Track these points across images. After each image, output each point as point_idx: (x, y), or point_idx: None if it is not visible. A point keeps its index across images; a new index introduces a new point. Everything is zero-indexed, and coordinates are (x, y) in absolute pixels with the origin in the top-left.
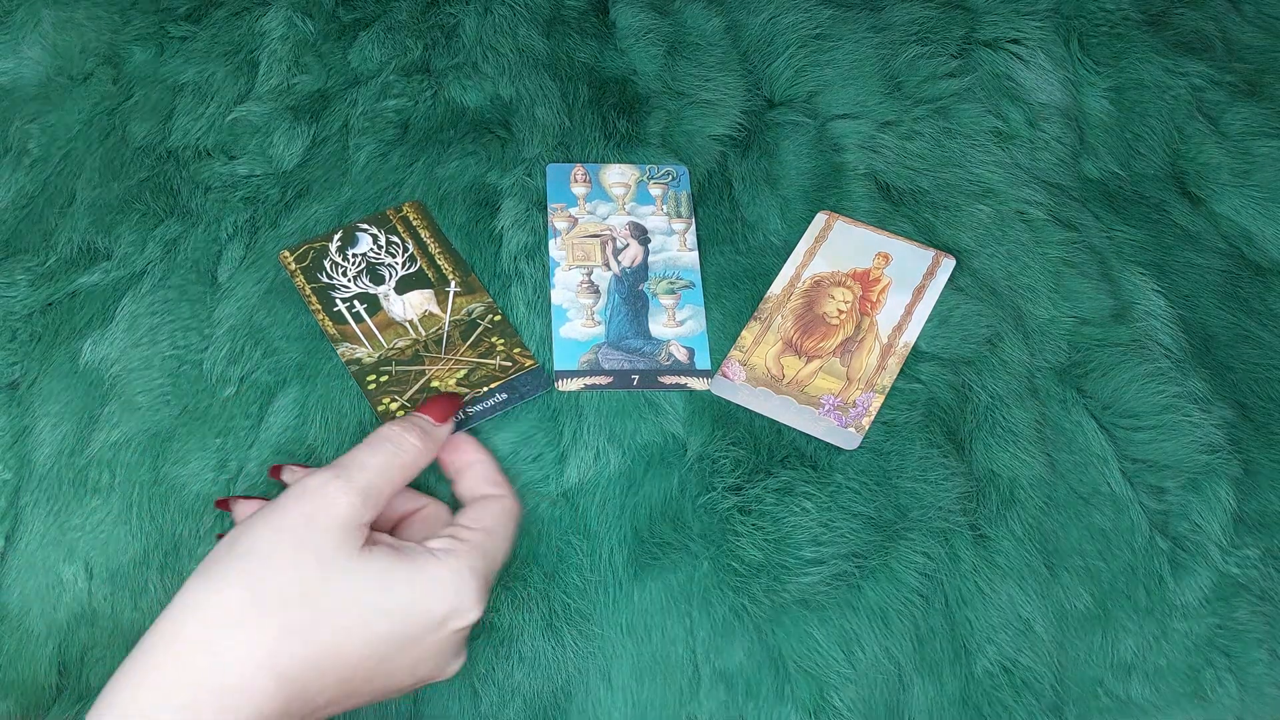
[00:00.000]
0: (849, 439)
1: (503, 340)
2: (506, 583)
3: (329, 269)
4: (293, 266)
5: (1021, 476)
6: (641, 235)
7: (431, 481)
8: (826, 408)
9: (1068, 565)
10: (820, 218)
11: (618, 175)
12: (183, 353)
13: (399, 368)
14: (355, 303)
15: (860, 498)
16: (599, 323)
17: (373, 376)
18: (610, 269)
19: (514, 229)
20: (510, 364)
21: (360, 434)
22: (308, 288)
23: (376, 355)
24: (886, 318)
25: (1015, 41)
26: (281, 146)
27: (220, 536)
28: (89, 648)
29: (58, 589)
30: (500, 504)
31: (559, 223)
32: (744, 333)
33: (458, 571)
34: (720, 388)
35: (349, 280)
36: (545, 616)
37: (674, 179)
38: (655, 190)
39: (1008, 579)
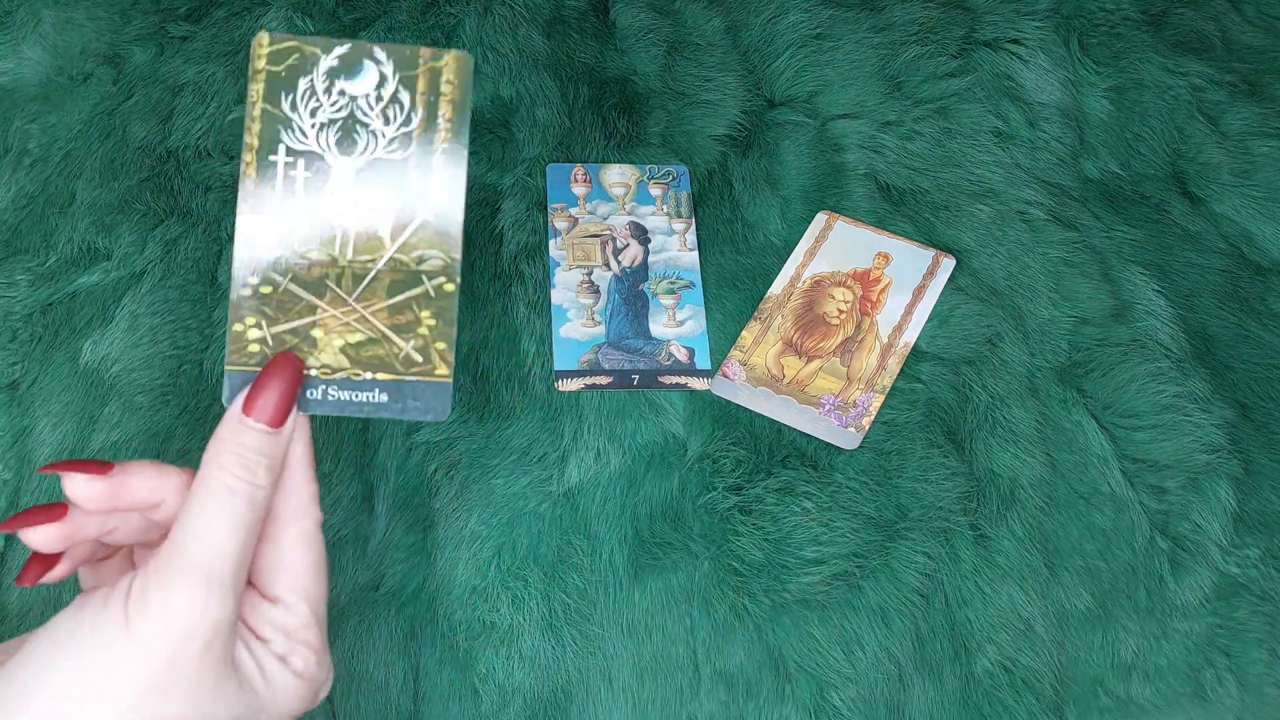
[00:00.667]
0: (849, 439)
1: (434, 321)
2: (507, 583)
3: (300, 93)
4: (261, 63)
5: (1022, 476)
6: (641, 235)
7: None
8: (827, 407)
9: (1068, 565)
10: (820, 218)
11: (618, 175)
12: (183, 353)
13: (291, 285)
14: (299, 161)
15: (861, 497)
16: (599, 323)
17: (254, 279)
18: (610, 269)
19: (514, 229)
20: (420, 360)
21: (360, 433)
22: (260, 105)
23: (277, 253)
24: (887, 318)
25: (1015, 41)
26: None
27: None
28: None
29: (58, 589)
30: (311, 537)
31: (559, 223)
32: (744, 333)
33: (314, 683)
34: (720, 388)
35: (312, 124)
36: (545, 616)
37: (674, 179)
38: (655, 190)
39: (1008, 579)
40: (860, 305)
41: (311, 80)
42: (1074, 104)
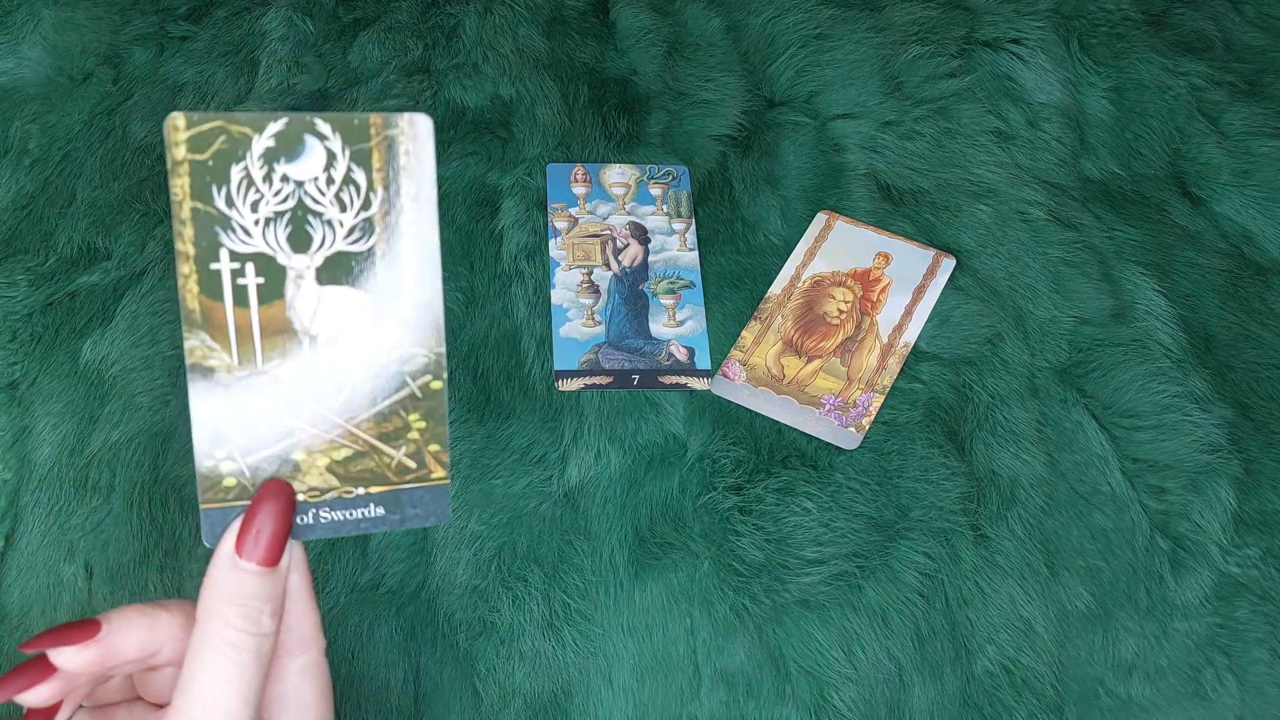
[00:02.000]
0: (849, 439)
1: (424, 423)
2: (507, 582)
3: (235, 185)
4: (180, 153)
5: (1022, 476)
6: (641, 235)
7: None
8: (827, 407)
9: (1068, 565)
10: (820, 218)
11: (618, 175)
12: (183, 353)
13: None
14: (248, 267)
15: (861, 497)
16: (599, 323)
17: (218, 404)
18: (610, 269)
19: (514, 229)
20: (414, 465)
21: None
22: (188, 204)
23: (236, 374)
24: (887, 318)
25: (1015, 41)
26: None
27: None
28: None
29: (58, 589)
30: (318, 669)
31: (559, 223)
32: (744, 333)
33: None
34: (720, 388)
35: (255, 221)
36: (546, 616)
37: (674, 179)
38: (655, 190)
39: (1008, 579)
40: (860, 305)
41: (246, 167)
42: (1074, 104)
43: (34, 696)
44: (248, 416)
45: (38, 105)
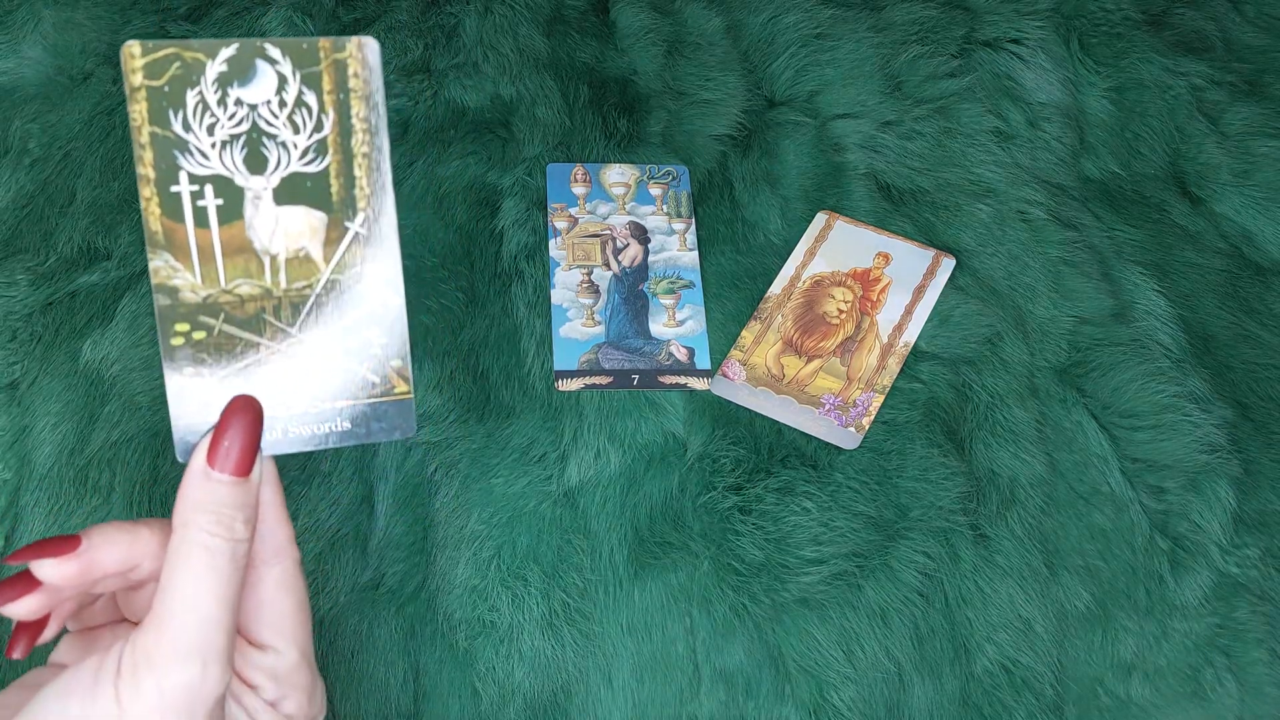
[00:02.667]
0: (849, 438)
1: (385, 339)
2: (507, 582)
3: (190, 109)
4: (137, 80)
5: (1021, 476)
6: (641, 235)
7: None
8: (827, 407)
9: (1068, 565)
10: (820, 217)
11: (618, 175)
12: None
13: (226, 327)
14: (207, 189)
15: (860, 497)
16: (599, 322)
17: (185, 326)
18: (610, 269)
19: (514, 229)
20: (377, 380)
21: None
22: (146, 129)
23: (204, 293)
24: (887, 317)
25: (1016, 41)
26: None
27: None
28: None
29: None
30: (293, 575)
31: (559, 222)
32: (744, 332)
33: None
34: (720, 387)
35: (212, 145)
36: (545, 616)
37: (674, 179)
38: (655, 190)
39: (1008, 578)
40: (860, 305)
41: (200, 92)
42: (1074, 104)
43: (19, 609)
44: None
45: (38, 105)
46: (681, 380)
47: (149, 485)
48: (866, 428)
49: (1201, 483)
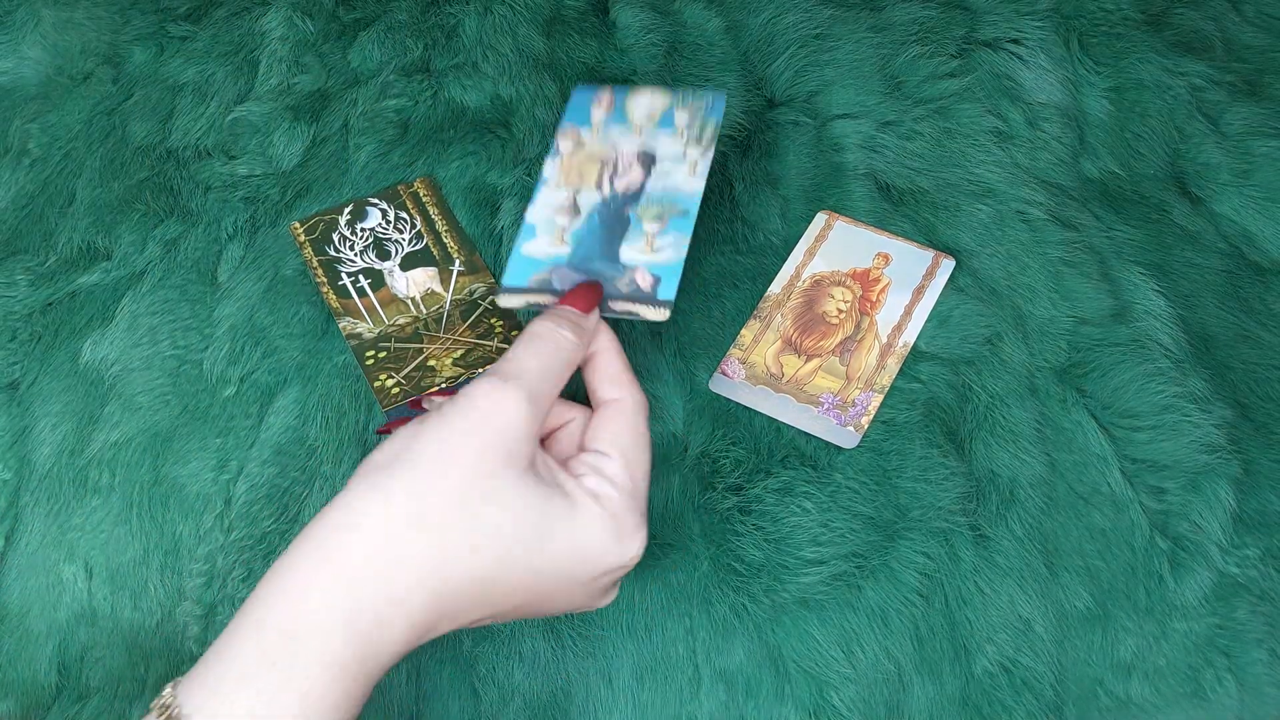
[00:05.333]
0: (848, 438)
1: (502, 322)
2: None
3: (337, 242)
4: (302, 238)
5: (1021, 476)
6: (648, 163)
7: None
8: (825, 406)
9: (1067, 565)
10: (820, 217)
11: (645, 102)
12: (183, 352)
13: (398, 344)
14: (360, 277)
15: (860, 497)
16: (568, 244)
17: (371, 352)
18: (601, 192)
19: (514, 228)
20: (507, 346)
21: (360, 433)
22: (315, 260)
23: (377, 331)
24: (886, 317)
25: (1015, 41)
26: (281, 146)
27: (381, 432)
28: (89, 648)
29: (58, 589)
30: (631, 410)
31: (564, 143)
32: (744, 331)
33: (617, 519)
34: (719, 385)
35: (355, 254)
36: (546, 617)
37: (708, 106)
38: (681, 117)
39: (1007, 579)
40: (860, 305)
41: (339, 231)
42: (1074, 104)
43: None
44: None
45: (38, 105)
46: (633, 308)
47: (149, 486)
48: (865, 427)
49: (1201, 483)
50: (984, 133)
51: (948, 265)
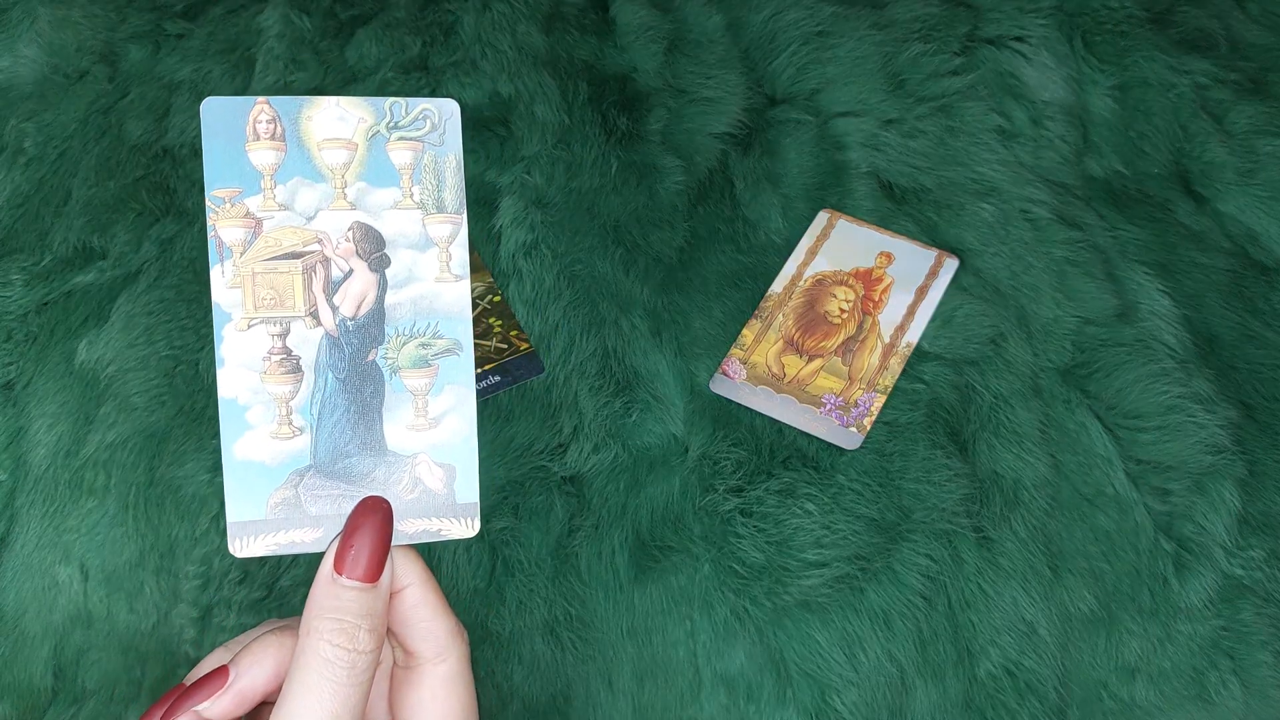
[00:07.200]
0: (850, 439)
1: (500, 321)
2: (508, 585)
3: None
4: None
5: (1025, 478)
6: (375, 250)
7: None
8: (828, 407)
9: (1072, 567)
10: (822, 216)
11: (336, 122)
12: (179, 352)
13: None
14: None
15: (862, 499)
16: (299, 430)
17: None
18: (320, 321)
19: (513, 227)
20: (506, 347)
21: None
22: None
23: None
24: (889, 317)
25: (1019, 39)
26: None
27: None
28: (84, 650)
29: (53, 591)
30: (458, 672)
31: (227, 230)
32: (745, 331)
33: None
34: (720, 386)
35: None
36: (546, 620)
37: (433, 129)
38: (402, 153)
39: (1011, 581)
40: (862, 304)
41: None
42: (1078, 102)
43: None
44: None
45: (33, 103)
46: (433, 526)
47: (145, 487)
48: (868, 428)
49: (1206, 484)
50: (987, 131)
51: (951, 264)
